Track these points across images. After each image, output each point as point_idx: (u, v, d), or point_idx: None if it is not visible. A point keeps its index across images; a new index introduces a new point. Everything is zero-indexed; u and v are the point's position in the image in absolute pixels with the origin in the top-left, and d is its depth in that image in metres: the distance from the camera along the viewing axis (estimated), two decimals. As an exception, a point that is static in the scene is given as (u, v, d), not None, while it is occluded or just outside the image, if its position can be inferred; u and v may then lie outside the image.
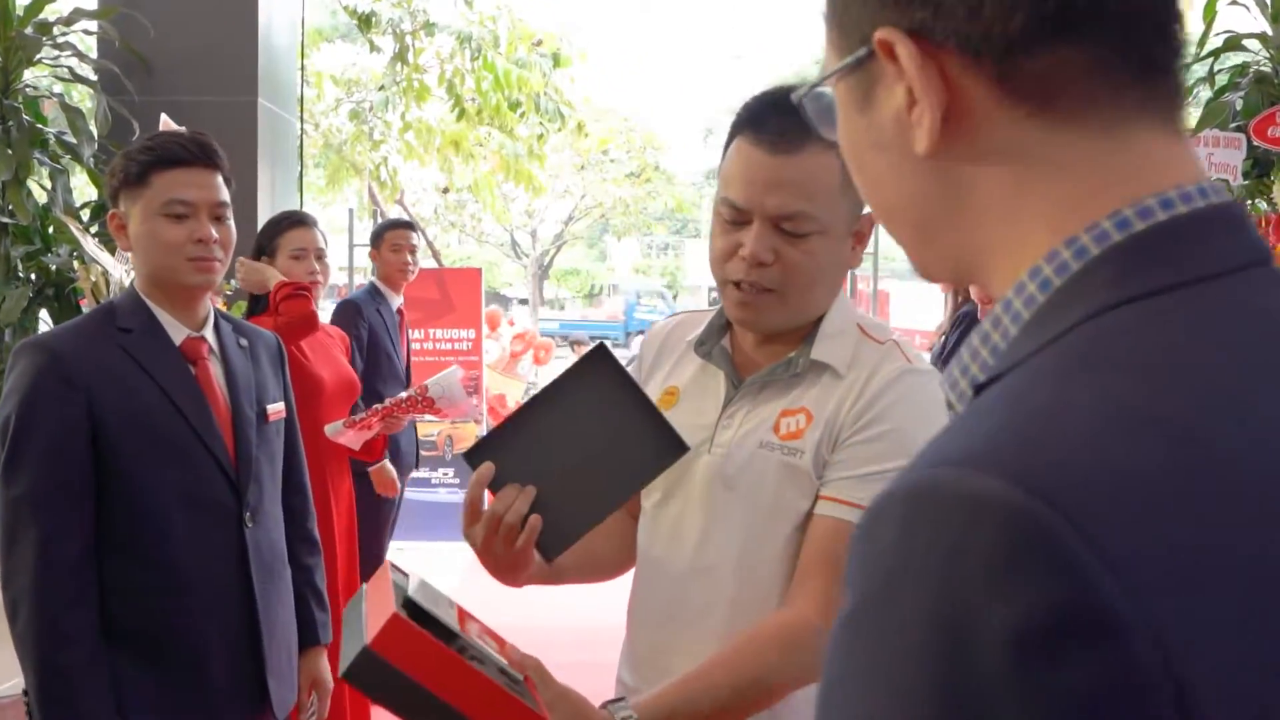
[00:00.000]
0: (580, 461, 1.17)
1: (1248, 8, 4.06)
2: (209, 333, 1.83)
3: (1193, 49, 4.22)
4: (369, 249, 4.16)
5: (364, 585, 1.06)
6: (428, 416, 3.03)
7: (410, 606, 0.98)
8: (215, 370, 1.82)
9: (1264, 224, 3.63)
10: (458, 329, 7.24)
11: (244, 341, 1.91)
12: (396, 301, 4.14)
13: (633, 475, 1.20)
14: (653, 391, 1.34)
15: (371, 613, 0.96)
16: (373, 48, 7.34)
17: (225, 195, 1.79)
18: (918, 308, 8.45)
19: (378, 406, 2.96)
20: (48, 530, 1.62)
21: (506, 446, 1.17)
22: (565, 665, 1.34)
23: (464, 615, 1.04)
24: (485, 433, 1.17)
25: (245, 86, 4.11)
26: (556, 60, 7.20)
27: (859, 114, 0.59)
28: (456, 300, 7.27)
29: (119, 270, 3.16)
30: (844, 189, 1.24)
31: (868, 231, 1.31)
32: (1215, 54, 4.12)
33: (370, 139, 7.85)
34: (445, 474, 6.72)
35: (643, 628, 1.36)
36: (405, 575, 1.07)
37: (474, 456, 1.18)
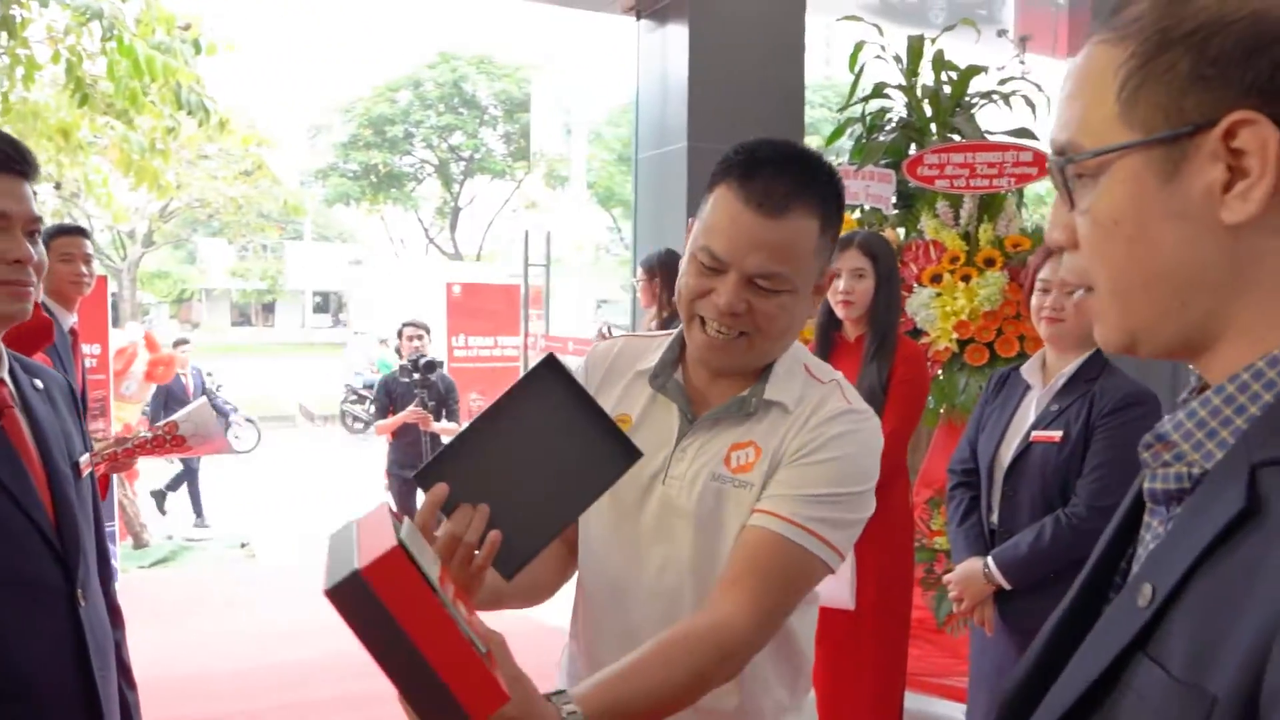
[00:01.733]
0: (534, 476, 1.15)
1: (886, 61, 4.70)
2: (6, 376, 1.51)
3: (846, 95, 4.82)
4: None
5: (352, 521, 0.97)
6: (176, 457, 2.66)
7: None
8: (22, 421, 1.50)
9: (912, 249, 4.21)
10: (84, 344, 6.33)
11: (39, 384, 1.59)
12: (69, 320, 3.58)
13: (587, 486, 1.18)
14: None
15: (365, 541, 0.89)
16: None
17: (38, 209, 1.49)
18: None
19: (114, 449, 2.54)
20: None
21: (457, 465, 1.13)
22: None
23: (445, 575, 0.97)
24: (435, 454, 1.11)
25: None
26: (197, 48, 6.57)
27: (1161, 185, 0.63)
28: (81, 312, 6.35)
29: None
30: (817, 251, 1.30)
31: (827, 286, 1.39)
32: (865, 100, 4.73)
33: (-45, 121, 6.63)
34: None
35: (602, 645, 1.37)
36: (400, 521, 0.99)
37: (425, 478, 1.13)
